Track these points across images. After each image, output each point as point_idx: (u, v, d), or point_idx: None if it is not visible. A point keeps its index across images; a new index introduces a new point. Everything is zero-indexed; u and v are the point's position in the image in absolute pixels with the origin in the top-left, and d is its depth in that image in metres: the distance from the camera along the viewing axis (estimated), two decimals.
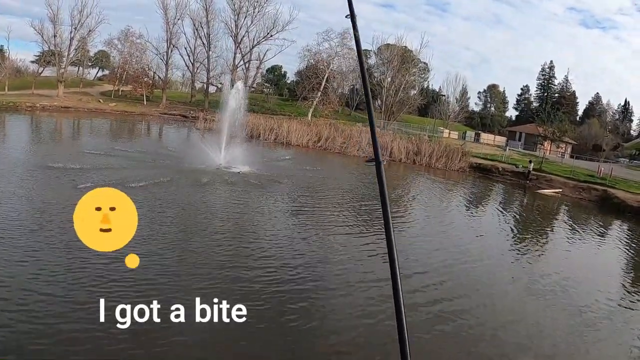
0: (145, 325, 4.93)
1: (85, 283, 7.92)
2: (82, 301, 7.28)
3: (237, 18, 66.31)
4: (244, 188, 18.13)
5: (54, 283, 7.87)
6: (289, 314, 7.84)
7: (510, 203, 26.52)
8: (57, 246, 9.41)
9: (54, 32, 61.75)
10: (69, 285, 7.82)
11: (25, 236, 9.81)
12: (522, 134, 73.60)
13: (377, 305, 8.65)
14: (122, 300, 6.87)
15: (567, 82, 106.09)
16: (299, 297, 8.43)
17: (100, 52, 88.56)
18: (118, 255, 9.28)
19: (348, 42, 70.70)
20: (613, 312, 10.37)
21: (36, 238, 9.76)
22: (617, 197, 29.55)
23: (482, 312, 9.04)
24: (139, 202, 13.77)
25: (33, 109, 49.71)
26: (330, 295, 8.86)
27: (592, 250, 17.05)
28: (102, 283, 7.97)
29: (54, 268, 8.38)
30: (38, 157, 20.46)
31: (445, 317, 8.52)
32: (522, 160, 42.07)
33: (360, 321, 8.02)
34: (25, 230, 10.21)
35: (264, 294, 8.40)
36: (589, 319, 9.71)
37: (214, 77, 71.42)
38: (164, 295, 7.75)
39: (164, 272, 8.84)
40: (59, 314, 6.94)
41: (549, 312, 9.70)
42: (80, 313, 6.96)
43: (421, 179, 31.04)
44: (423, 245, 13.59)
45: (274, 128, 41.61)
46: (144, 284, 8.14)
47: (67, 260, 8.72)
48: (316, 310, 8.20)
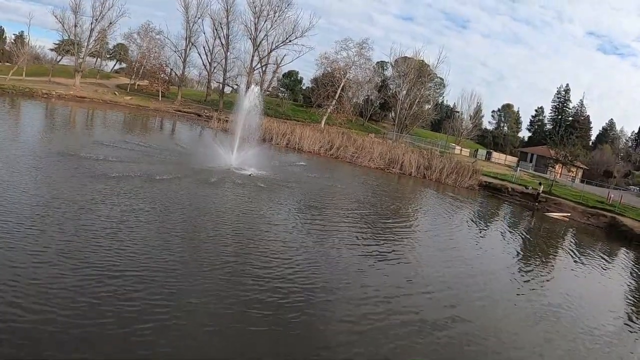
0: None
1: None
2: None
3: (257, 21, 66.79)
4: (252, 190, 18.19)
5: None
6: (288, 320, 7.88)
7: (518, 224, 26.37)
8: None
9: (75, 21, 62.67)
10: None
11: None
12: (534, 156, 73.40)
13: (379, 315, 8.69)
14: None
15: (582, 106, 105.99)
16: (297, 312, 8.45)
17: (119, 45, 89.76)
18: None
19: (366, 52, 70.95)
20: (614, 339, 10.33)
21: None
22: (625, 225, 29.34)
23: (484, 336, 9.00)
24: (149, 196, 13.91)
25: (49, 97, 50.24)
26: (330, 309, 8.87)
27: (596, 277, 16.91)
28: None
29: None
30: (55, 144, 20.62)
31: (448, 339, 8.49)
32: (532, 182, 41.96)
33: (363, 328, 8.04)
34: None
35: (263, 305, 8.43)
36: (591, 345, 9.68)
37: (230, 78, 72.01)
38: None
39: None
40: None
41: (551, 337, 9.65)
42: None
43: (431, 194, 30.98)
44: (430, 262, 13.57)
45: (287, 133, 41.83)
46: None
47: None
48: (315, 316, 8.22)
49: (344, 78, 69.26)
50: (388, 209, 21.04)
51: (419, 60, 74.35)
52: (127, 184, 14.97)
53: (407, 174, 37.93)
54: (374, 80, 77.18)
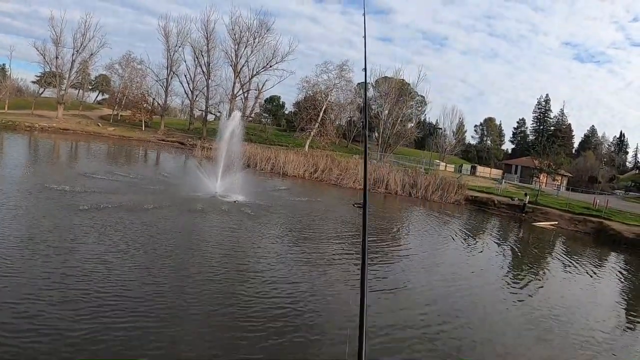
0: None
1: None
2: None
3: (237, 48, 67.32)
4: (238, 217, 18.09)
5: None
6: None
7: (506, 236, 26.47)
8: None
9: (56, 53, 62.89)
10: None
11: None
12: (519, 167, 74.08)
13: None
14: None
15: (562, 115, 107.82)
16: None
17: (101, 75, 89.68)
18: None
19: (346, 74, 71.62)
20: (610, 343, 10.35)
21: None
22: (612, 229, 29.66)
23: (479, 346, 8.95)
24: (134, 226, 13.74)
25: (32, 129, 50.03)
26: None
27: (588, 281, 16.97)
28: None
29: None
30: (37, 177, 20.38)
31: (443, 351, 8.44)
32: (518, 193, 42.28)
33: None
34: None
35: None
36: (588, 351, 9.69)
37: (212, 105, 72.20)
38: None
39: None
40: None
41: (547, 345, 9.63)
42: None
43: (417, 211, 31.02)
44: (418, 277, 13.52)
45: (271, 158, 41.85)
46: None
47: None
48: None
49: (326, 101, 69.71)
50: (376, 229, 20.99)
51: (399, 79, 75.22)
52: (111, 215, 14.77)
53: (392, 193, 37.97)
54: (355, 101, 77.77)
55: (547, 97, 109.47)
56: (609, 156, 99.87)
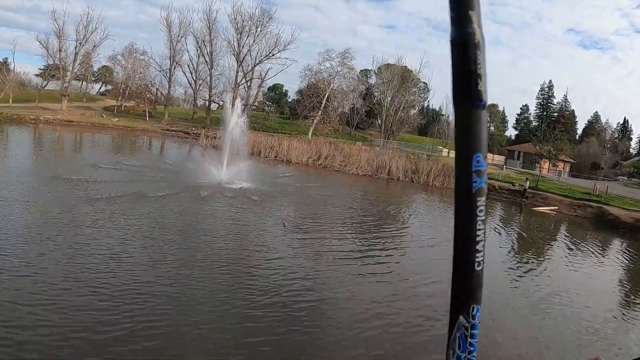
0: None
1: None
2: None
3: (239, 37, 67.21)
4: (244, 203, 18.58)
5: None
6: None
7: (506, 220, 26.92)
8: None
9: (59, 46, 62.66)
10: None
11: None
12: (521, 153, 73.95)
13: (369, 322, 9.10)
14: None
15: (566, 101, 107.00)
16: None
17: (104, 67, 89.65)
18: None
19: (348, 61, 71.55)
20: (614, 324, 10.79)
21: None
22: (611, 214, 30.04)
23: (483, 329, 9.30)
24: (144, 213, 14.29)
25: (37, 122, 50.30)
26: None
27: (587, 265, 17.41)
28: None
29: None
30: (47, 169, 20.89)
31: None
32: (519, 179, 42.58)
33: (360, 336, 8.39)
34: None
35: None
36: (590, 332, 10.08)
37: (216, 94, 72.16)
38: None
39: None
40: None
41: (552, 326, 10.00)
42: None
43: (419, 197, 31.48)
44: (423, 263, 14.03)
45: (275, 146, 42.19)
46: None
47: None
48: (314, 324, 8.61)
49: (328, 88, 69.72)
50: (378, 214, 21.49)
51: (401, 66, 75.06)
52: (120, 203, 15.32)
53: (395, 179, 38.41)
54: (358, 88, 77.70)
55: (550, 84, 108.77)
56: (613, 142, 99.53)
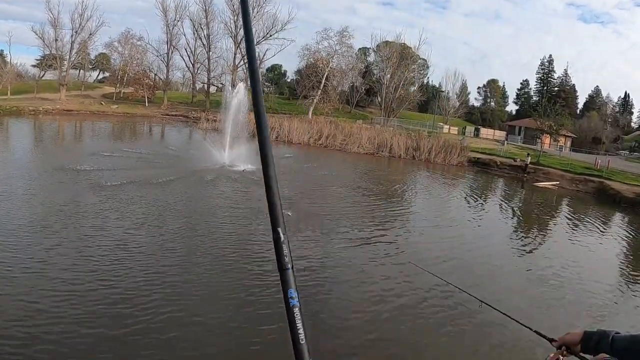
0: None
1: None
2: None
3: (236, 19, 66.60)
4: (247, 186, 18.72)
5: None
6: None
7: (508, 196, 27.09)
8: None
9: (55, 35, 62.24)
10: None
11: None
12: (522, 128, 73.79)
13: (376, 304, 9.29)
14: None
15: (566, 75, 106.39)
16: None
17: (101, 54, 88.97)
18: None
19: (347, 40, 71.14)
20: (618, 297, 10.97)
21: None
22: (612, 188, 30.14)
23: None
24: (151, 200, 14.46)
25: (36, 113, 50.21)
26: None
27: (588, 239, 17.57)
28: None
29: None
30: (50, 159, 21.03)
31: (456, 307, 8.85)
32: (520, 154, 42.63)
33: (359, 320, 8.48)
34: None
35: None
36: (596, 304, 10.22)
37: (214, 77, 71.99)
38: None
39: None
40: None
41: (552, 302, 10.09)
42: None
43: (421, 173, 31.62)
44: (428, 238, 14.22)
45: (275, 127, 42.13)
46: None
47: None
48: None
49: (327, 67, 69.38)
50: (382, 192, 21.64)
51: (400, 43, 74.58)
52: (125, 189, 15.47)
53: (396, 157, 38.53)
54: (357, 67, 77.32)
55: (551, 58, 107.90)
56: (614, 117, 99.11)
